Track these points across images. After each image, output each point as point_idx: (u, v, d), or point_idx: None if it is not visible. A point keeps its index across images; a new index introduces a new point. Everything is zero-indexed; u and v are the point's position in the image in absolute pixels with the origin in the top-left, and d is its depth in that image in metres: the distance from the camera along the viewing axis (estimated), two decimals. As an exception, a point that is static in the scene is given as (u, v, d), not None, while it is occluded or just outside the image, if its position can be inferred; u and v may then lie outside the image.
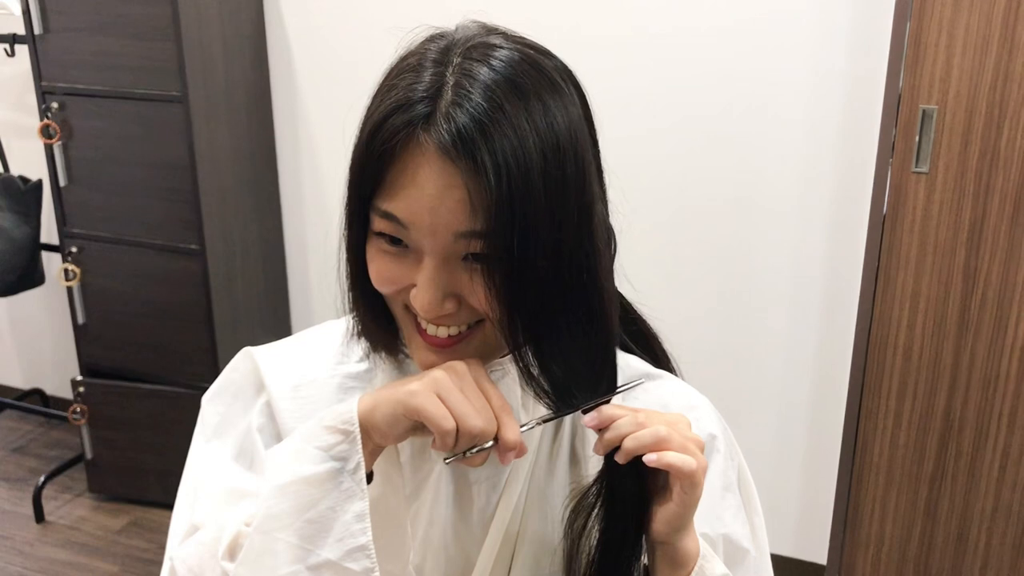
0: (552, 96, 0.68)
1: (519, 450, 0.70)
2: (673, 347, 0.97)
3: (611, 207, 0.79)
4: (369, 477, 0.72)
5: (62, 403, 3.08)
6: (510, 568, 0.82)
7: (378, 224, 0.70)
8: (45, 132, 2.46)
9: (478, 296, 0.69)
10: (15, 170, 2.74)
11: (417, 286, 0.70)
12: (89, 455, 2.77)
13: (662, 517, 0.72)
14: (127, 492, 2.81)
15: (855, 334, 2.04)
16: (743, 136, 2.18)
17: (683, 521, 0.72)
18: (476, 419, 0.67)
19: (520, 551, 0.81)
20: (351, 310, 0.80)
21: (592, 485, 0.75)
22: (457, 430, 0.67)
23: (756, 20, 2.09)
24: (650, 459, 0.69)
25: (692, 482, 0.69)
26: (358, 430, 0.69)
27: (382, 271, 0.72)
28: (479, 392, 0.70)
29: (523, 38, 0.73)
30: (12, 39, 2.57)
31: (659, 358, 0.92)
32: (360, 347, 0.85)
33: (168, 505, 2.88)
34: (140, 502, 2.80)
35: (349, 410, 0.70)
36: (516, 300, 0.68)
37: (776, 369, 2.31)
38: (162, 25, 2.28)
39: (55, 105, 2.45)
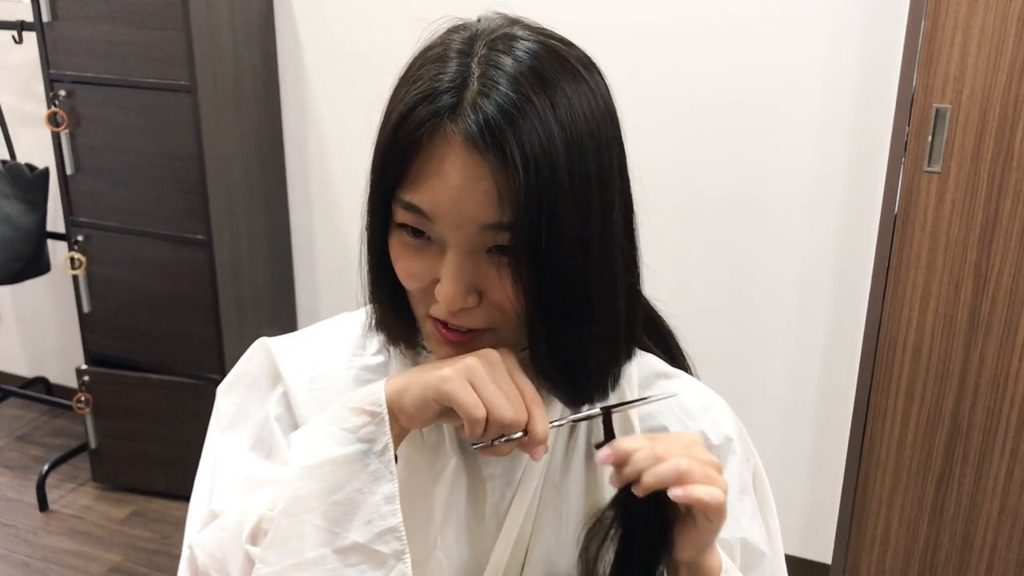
0: (576, 87, 0.68)
1: (546, 446, 0.70)
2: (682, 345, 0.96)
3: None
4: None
5: (66, 392, 3.08)
6: (523, 566, 0.81)
7: (401, 216, 0.69)
8: (52, 120, 2.45)
9: (503, 289, 0.69)
10: (22, 158, 2.74)
11: (441, 279, 0.69)
12: (93, 444, 2.77)
13: (685, 542, 0.71)
14: (131, 482, 2.81)
15: (864, 333, 2.03)
16: (754, 133, 2.16)
17: (707, 544, 0.72)
18: (507, 409, 0.67)
19: (534, 549, 0.80)
20: (370, 302, 0.79)
21: (607, 510, 0.74)
22: (487, 419, 0.67)
23: (768, 16, 2.08)
24: (676, 495, 0.67)
25: (719, 513, 0.68)
26: (386, 411, 0.69)
27: (406, 266, 0.71)
28: (511, 382, 0.69)
29: (546, 29, 0.72)
30: (20, 26, 2.55)
31: (675, 356, 0.91)
32: (377, 339, 0.85)
33: (172, 495, 2.89)
34: (144, 492, 2.80)
35: (377, 391, 0.70)
36: (541, 292, 0.68)
37: (784, 367, 2.30)
38: (171, 14, 2.27)
39: (63, 93, 2.44)
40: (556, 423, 0.72)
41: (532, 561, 0.80)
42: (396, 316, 0.77)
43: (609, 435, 0.72)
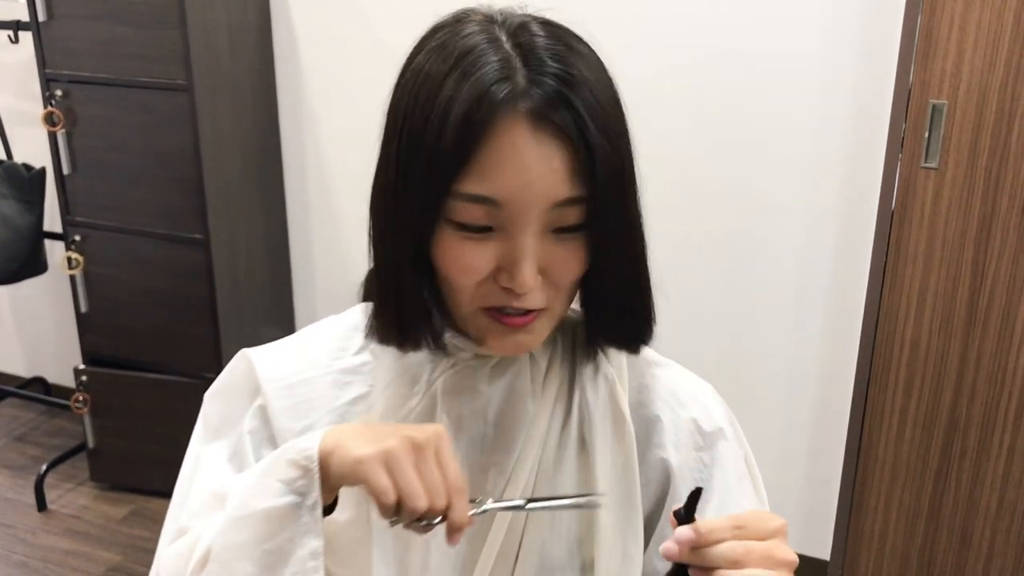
0: (592, 56, 0.71)
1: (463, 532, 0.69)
2: (679, 340, 0.96)
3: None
4: (332, 506, 0.73)
5: (64, 392, 3.07)
6: (516, 558, 0.81)
7: (463, 211, 0.68)
8: (49, 120, 2.45)
9: (567, 266, 0.71)
10: (19, 158, 2.73)
11: (515, 265, 0.69)
12: (91, 444, 2.77)
13: None
14: (129, 481, 2.81)
15: (862, 329, 2.03)
16: (752, 130, 2.16)
17: None
18: (421, 500, 0.65)
19: (527, 539, 0.80)
20: (389, 302, 0.77)
21: None
22: (399, 503, 0.66)
23: (765, 13, 2.08)
24: None
25: None
26: (317, 468, 0.69)
27: (463, 262, 0.70)
28: (435, 467, 0.67)
29: (538, 16, 0.75)
30: (16, 26, 2.55)
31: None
32: (358, 340, 0.85)
33: (170, 494, 2.88)
34: (142, 491, 2.80)
35: (311, 446, 0.69)
36: (604, 260, 0.72)
37: (782, 363, 2.30)
38: (167, 13, 2.26)
39: (59, 93, 2.44)
40: (476, 512, 0.71)
41: (525, 551, 0.80)
42: (422, 317, 0.76)
43: (691, 513, 0.67)
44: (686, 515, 0.66)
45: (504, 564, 0.80)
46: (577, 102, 0.66)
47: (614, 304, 0.76)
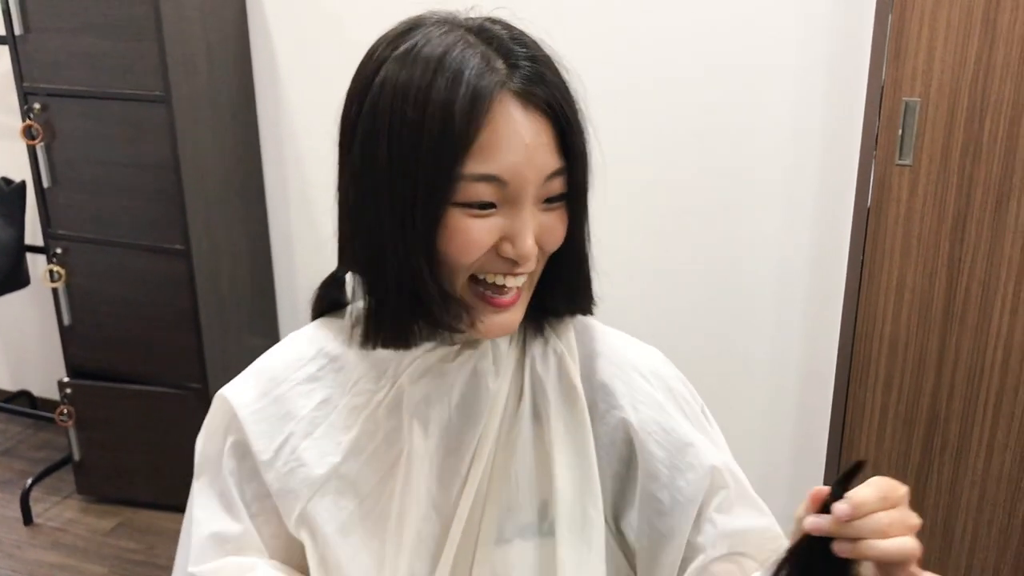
0: (543, 45, 0.80)
1: None
2: (658, 339, 0.98)
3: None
4: None
5: (50, 405, 3.07)
6: (479, 529, 0.84)
7: (471, 190, 0.74)
8: (28, 133, 2.44)
9: (554, 233, 0.80)
10: (-2, 171, 2.73)
11: (517, 236, 0.76)
12: (77, 457, 2.76)
13: None
14: (116, 493, 2.80)
15: (841, 327, 2.04)
16: (727, 130, 2.18)
17: None
18: None
19: (489, 511, 0.84)
20: (404, 295, 0.79)
21: (782, 567, 0.72)
22: None
23: (738, 14, 2.09)
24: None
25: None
26: None
27: (469, 238, 0.76)
28: None
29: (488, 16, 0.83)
30: (-7, 40, 2.55)
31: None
32: (313, 348, 0.88)
33: (157, 505, 2.87)
34: (129, 503, 2.79)
35: None
36: (572, 229, 0.81)
37: (763, 362, 2.31)
38: (144, 24, 2.26)
39: (37, 106, 2.43)
40: None
41: (487, 522, 0.84)
42: (443, 302, 0.79)
43: (845, 488, 0.67)
44: (841, 490, 0.67)
45: (468, 537, 0.84)
46: (549, 78, 0.76)
47: (572, 269, 0.85)
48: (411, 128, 0.73)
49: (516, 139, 0.74)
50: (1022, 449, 1.94)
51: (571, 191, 0.79)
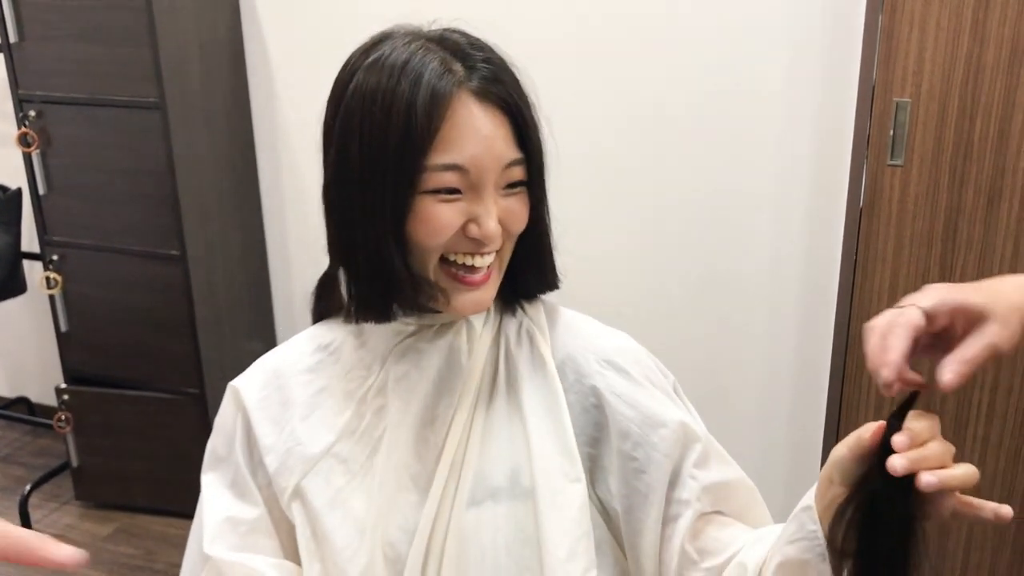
0: (498, 50, 0.87)
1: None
2: (650, 340, 1.01)
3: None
4: None
5: (48, 411, 3.07)
6: (455, 496, 0.89)
7: (436, 179, 0.82)
8: (23, 140, 2.45)
9: (517, 216, 0.87)
10: (-5, 179, 2.74)
11: (481, 218, 0.84)
12: (75, 463, 2.76)
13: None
14: (114, 499, 2.81)
15: (834, 327, 2.04)
16: (720, 132, 2.18)
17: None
18: None
19: (464, 479, 0.89)
20: (376, 278, 0.87)
21: (848, 504, 0.74)
22: None
23: (730, 15, 2.10)
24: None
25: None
26: None
27: (438, 222, 0.83)
28: None
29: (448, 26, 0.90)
30: (-12, 47, 2.55)
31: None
32: (312, 345, 0.96)
33: (155, 511, 2.87)
34: (127, 508, 2.80)
35: None
36: (534, 213, 0.89)
37: (757, 363, 2.32)
38: (137, 31, 2.27)
39: (32, 113, 2.44)
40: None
41: (463, 490, 0.89)
42: (409, 282, 0.86)
43: (902, 419, 0.69)
44: (897, 423, 0.69)
45: (444, 505, 0.89)
46: (505, 78, 0.84)
47: (538, 249, 0.93)
48: (379, 127, 0.81)
49: (475, 132, 0.82)
50: (1015, 447, 1.94)
51: (530, 178, 0.87)
